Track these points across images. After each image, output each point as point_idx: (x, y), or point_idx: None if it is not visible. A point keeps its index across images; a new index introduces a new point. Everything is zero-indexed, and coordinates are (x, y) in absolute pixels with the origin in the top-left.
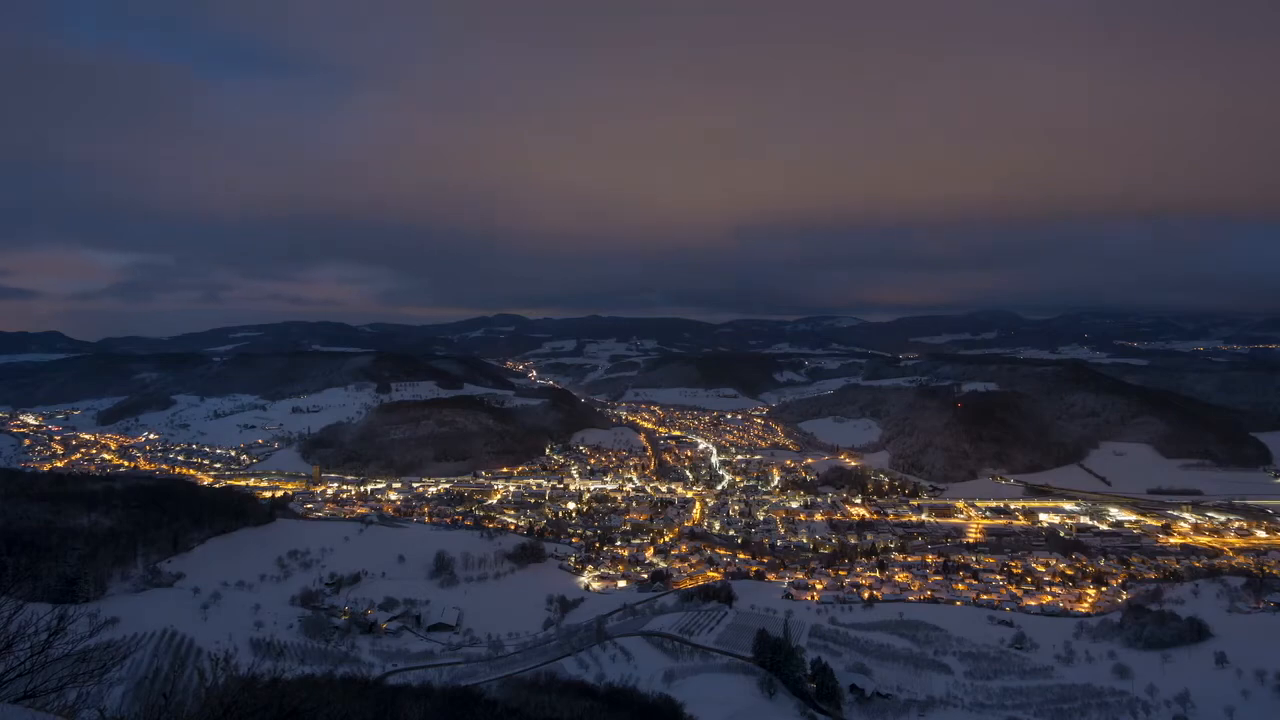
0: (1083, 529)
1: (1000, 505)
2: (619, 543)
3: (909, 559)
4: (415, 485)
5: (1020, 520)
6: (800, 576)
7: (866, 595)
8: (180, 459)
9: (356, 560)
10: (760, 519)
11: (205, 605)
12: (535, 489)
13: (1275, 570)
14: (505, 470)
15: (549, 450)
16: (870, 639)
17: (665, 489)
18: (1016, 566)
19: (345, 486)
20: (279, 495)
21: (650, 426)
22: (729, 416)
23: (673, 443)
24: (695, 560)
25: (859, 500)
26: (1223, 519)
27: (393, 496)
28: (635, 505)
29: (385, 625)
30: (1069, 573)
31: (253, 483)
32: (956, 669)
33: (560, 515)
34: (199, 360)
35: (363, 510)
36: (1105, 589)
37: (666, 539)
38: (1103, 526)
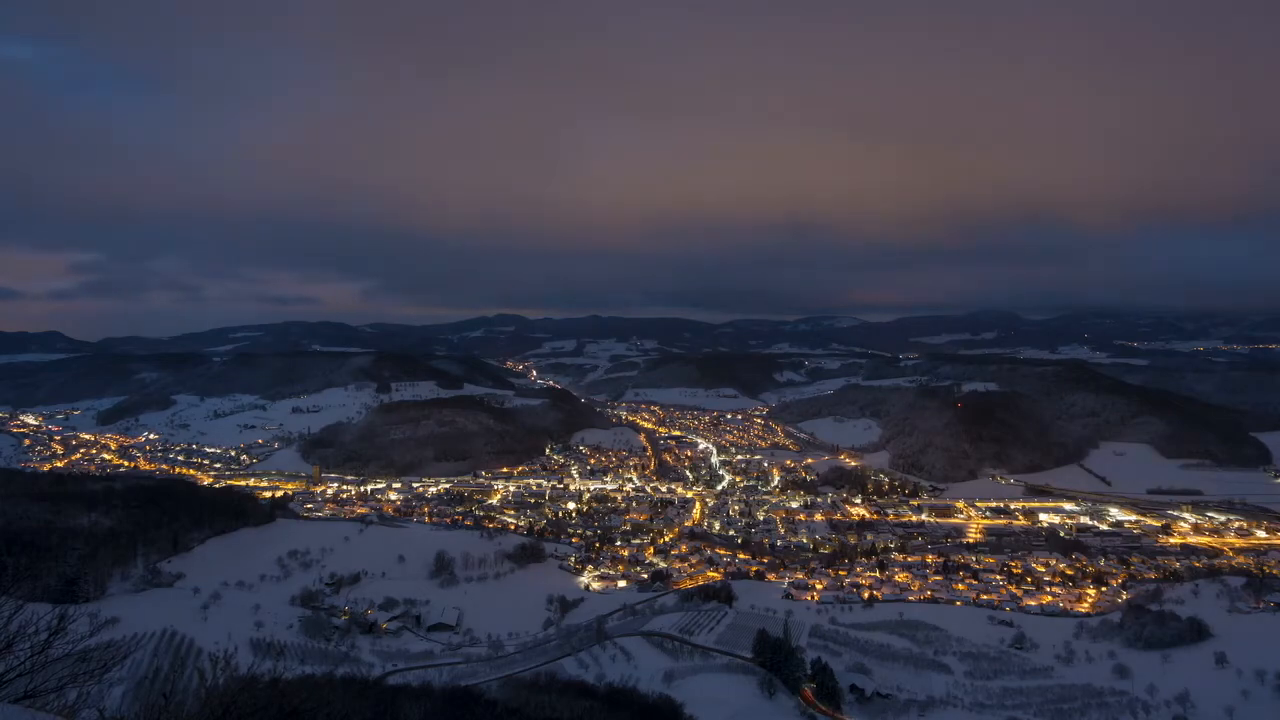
0: (1083, 529)
1: (1000, 505)
2: (619, 543)
3: (909, 559)
4: (415, 485)
5: (1020, 520)
6: (800, 576)
7: (866, 595)
8: (180, 459)
9: (356, 560)
10: (760, 519)
11: (205, 605)
12: (535, 489)
13: (1275, 570)
14: (505, 470)
15: (549, 450)
16: (870, 639)
17: (665, 489)
18: (1016, 566)
19: (345, 486)
20: (279, 495)
21: (650, 426)
22: (729, 416)
23: (673, 443)
24: (695, 560)
25: (859, 500)
26: (1223, 519)
27: (393, 496)
28: (635, 505)
29: (385, 625)
30: (1069, 573)
31: (253, 483)
32: (956, 669)
33: (560, 515)
34: (199, 360)
35: (363, 510)
36: (1105, 589)
37: (666, 539)
38: (1103, 526)
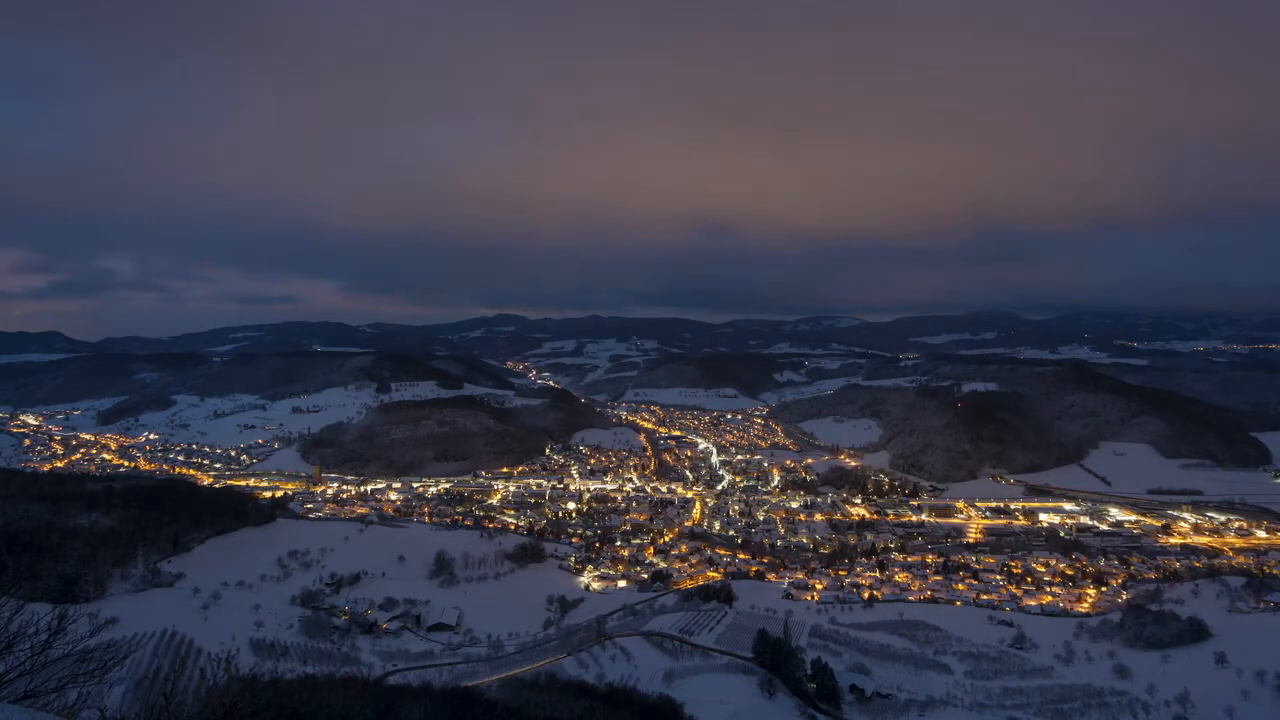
0: (1083, 529)
1: (1000, 505)
2: (619, 543)
3: (909, 559)
4: (415, 485)
5: (1020, 520)
6: (800, 576)
7: (866, 595)
8: (180, 459)
9: (356, 560)
10: (760, 519)
11: (205, 605)
12: (535, 489)
13: (1275, 570)
14: (505, 470)
15: (549, 450)
16: (870, 639)
17: (665, 489)
18: (1016, 566)
19: (345, 486)
20: (279, 495)
21: (650, 426)
22: (729, 416)
23: (673, 443)
24: (695, 560)
25: (859, 500)
26: (1223, 519)
27: (393, 496)
28: (635, 505)
29: (385, 625)
30: (1069, 573)
31: (253, 483)
32: (956, 669)
33: (560, 515)
34: (199, 360)
35: (363, 510)
36: (1105, 589)
37: (666, 539)
38: (1103, 526)
